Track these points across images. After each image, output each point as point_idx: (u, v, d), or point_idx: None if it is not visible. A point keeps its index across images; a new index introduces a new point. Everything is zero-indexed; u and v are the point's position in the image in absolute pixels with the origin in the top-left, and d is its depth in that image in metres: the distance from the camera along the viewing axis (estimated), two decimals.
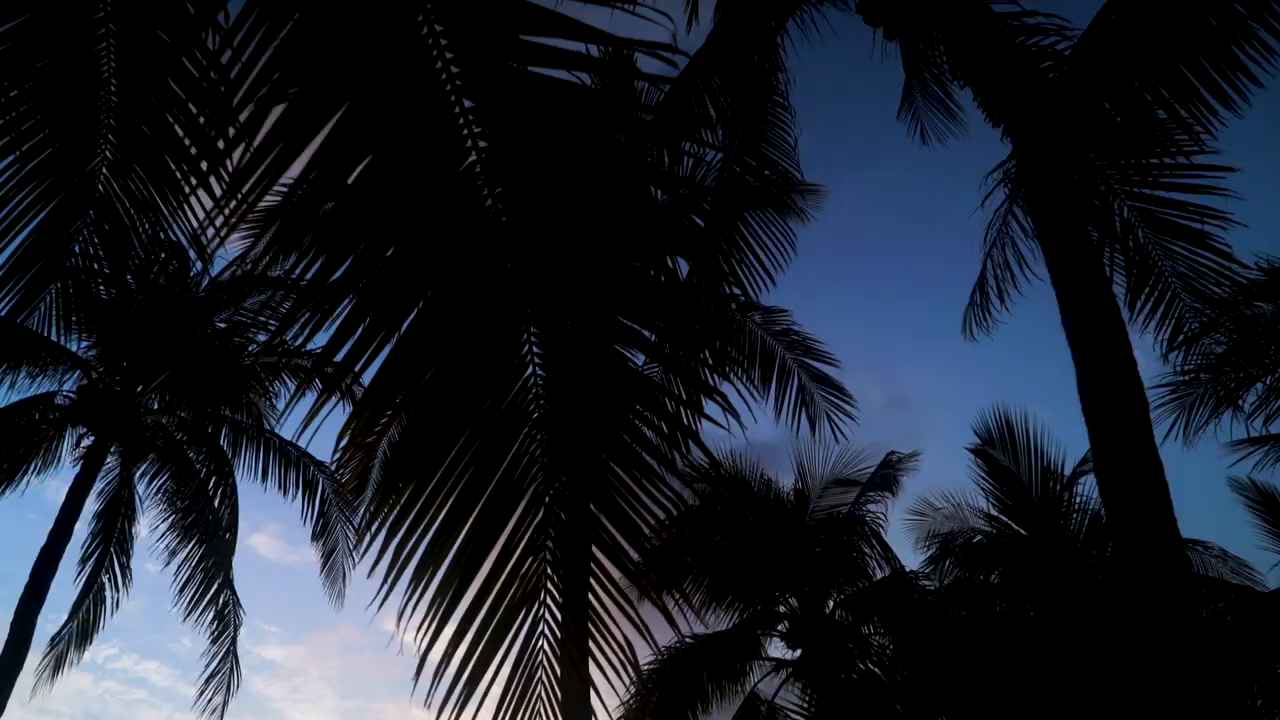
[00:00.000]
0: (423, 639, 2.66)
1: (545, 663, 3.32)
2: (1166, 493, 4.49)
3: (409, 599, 2.69)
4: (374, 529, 2.72)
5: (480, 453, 2.86)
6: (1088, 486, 10.35)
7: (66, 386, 12.00)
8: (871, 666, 9.02)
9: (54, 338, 11.74)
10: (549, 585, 3.20)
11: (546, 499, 2.96)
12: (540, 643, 2.99)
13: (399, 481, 2.80)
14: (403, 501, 2.74)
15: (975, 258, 8.19)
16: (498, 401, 2.92)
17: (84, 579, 12.26)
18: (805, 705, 10.80)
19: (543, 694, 3.36)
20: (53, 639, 12.11)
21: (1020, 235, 7.73)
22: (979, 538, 12.07)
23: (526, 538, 2.93)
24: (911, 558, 13.43)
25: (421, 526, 2.74)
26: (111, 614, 12.40)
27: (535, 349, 3.22)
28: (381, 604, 2.64)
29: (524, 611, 2.92)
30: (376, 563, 2.63)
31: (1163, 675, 5.46)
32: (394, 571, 2.67)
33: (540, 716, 3.35)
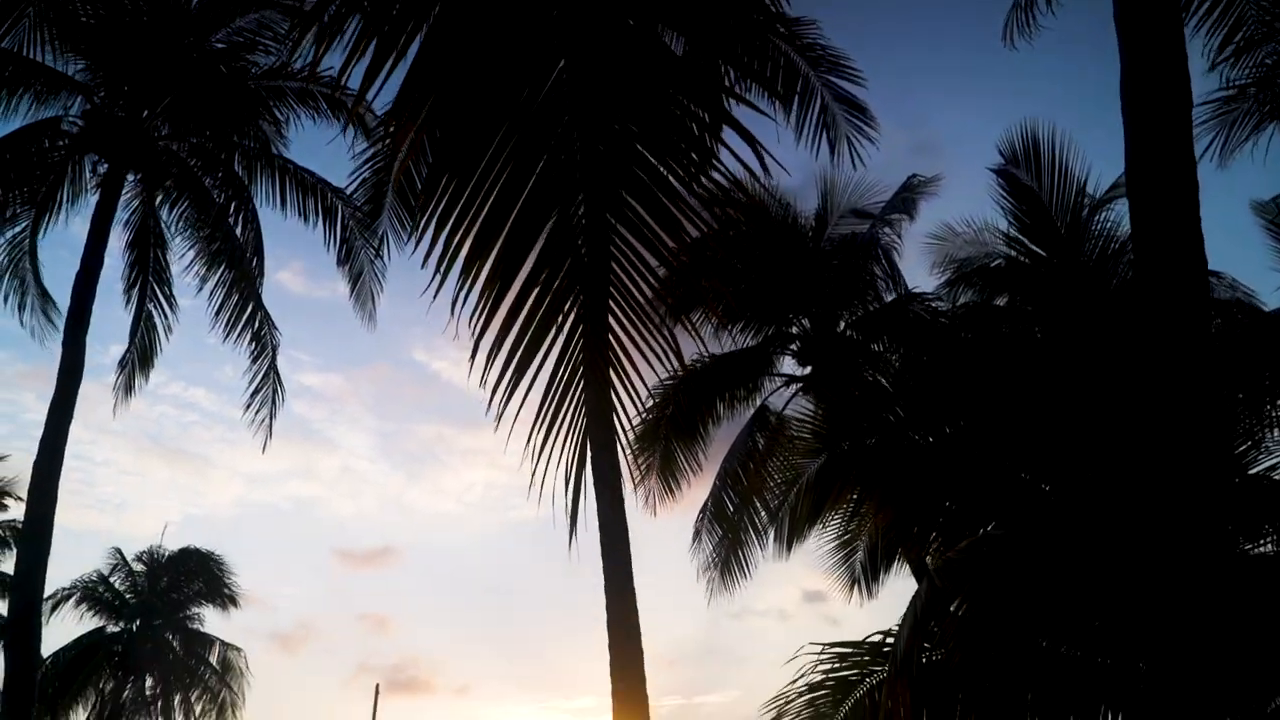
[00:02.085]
0: (476, 324, 2.81)
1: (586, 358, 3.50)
2: (1195, 194, 4.47)
3: (460, 289, 2.81)
4: (421, 225, 2.78)
5: (519, 148, 2.85)
6: (1108, 214, 10.24)
7: (72, 112, 11.77)
8: (878, 378, 9.47)
9: (48, 62, 11.38)
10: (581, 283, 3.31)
11: (583, 196, 3.00)
12: (580, 331, 3.15)
13: (443, 177, 2.82)
14: (448, 196, 2.78)
15: None
16: (533, 94, 2.87)
17: (133, 308, 12.83)
18: (813, 415, 11.47)
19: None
20: (120, 362, 12.83)
21: None
22: (997, 261, 12.14)
23: (568, 232, 3.00)
24: (927, 283, 13.66)
25: (467, 221, 2.80)
26: (166, 338, 13.07)
27: (565, 39, 3.09)
28: (435, 294, 2.76)
29: (569, 303, 3.04)
30: (428, 255, 2.72)
31: (1170, 390, 5.75)
32: (444, 263, 2.77)
33: (580, 407, 3.60)
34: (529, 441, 3.10)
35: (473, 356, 2.85)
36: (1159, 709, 6.10)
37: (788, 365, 14.45)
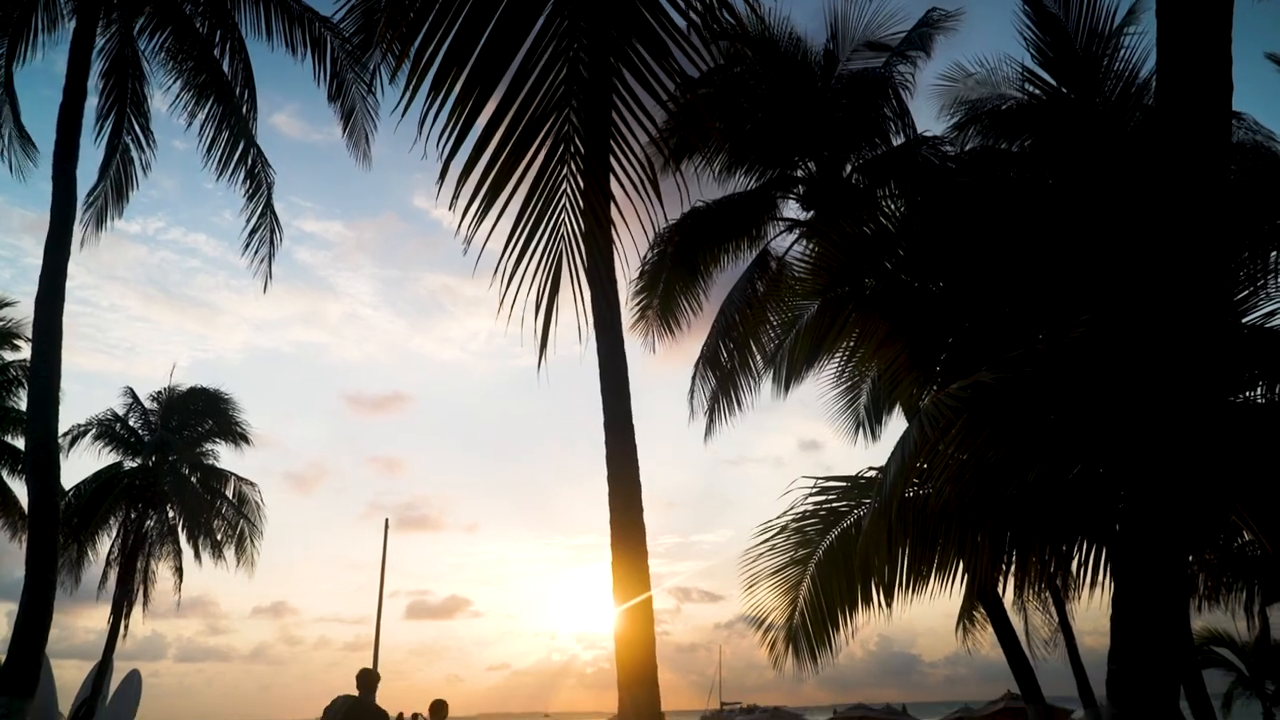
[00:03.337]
0: (445, 145, 2.69)
1: (569, 187, 3.39)
2: (1229, 6, 4.22)
3: (429, 106, 2.67)
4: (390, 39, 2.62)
5: None
6: (1131, 52, 9.74)
7: None
8: (881, 222, 9.31)
9: None
10: (573, 111, 3.16)
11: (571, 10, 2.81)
12: (565, 167, 3.03)
13: None
14: (418, 5, 2.60)
15: None
16: None
17: (105, 139, 12.41)
18: (813, 257, 11.36)
19: (566, 221, 3.47)
20: (89, 193, 12.51)
21: None
22: (1009, 104, 11.78)
23: (551, 49, 2.83)
24: (937, 129, 13.22)
25: (441, 29, 2.62)
26: (143, 174, 12.75)
27: None
28: (404, 112, 2.64)
29: (549, 124, 2.91)
30: (396, 69, 2.58)
31: (1175, 230, 5.64)
32: (414, 79, 2.63)
33: (564, 242, 3.52)
34: (497, 268, 3.05)
35: (441, 176, 2.75)
36: (1132, 543, 6.35)
37: (791, 209, 14.23)
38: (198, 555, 29.78)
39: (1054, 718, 12.94)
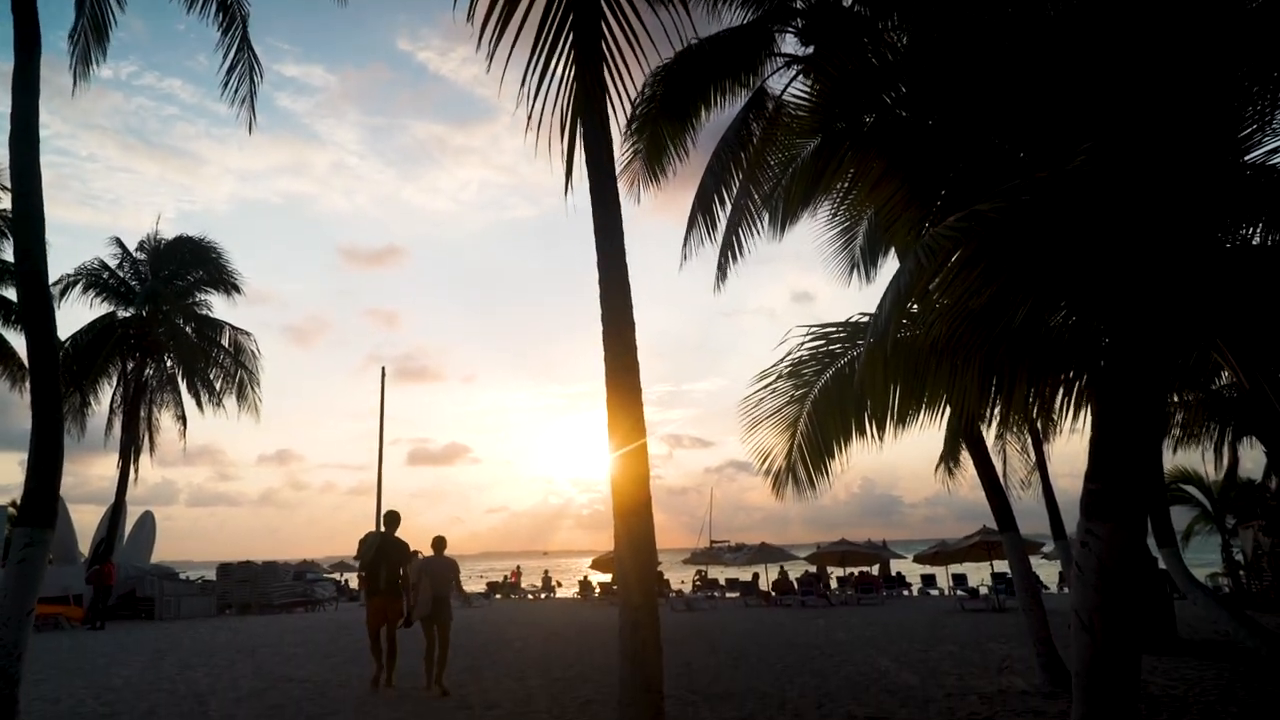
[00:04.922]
0: None
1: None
2: None
3: None
4: None
5: None
6: None
7: None
8: (885, 56, 8.97)
9: None
10: None
11: None
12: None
13: None
14: None
15: None
16: None
17: None
18: (811, 93, 11.02)
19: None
20: (71, 35, 11.88)
21: None
22: None
23: None
24: None
25: None
26: (119, 7, 12.07)
27: None
28: None
29: None
30: None
31: (1189, 62, 5.46)
32: None
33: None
34: (523, 82, 2.96)
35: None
36: (1117, 370, 6.52)
37: (789, 45, 13.67)
38: (199, 404, 30.32)
39: (1026, 548, 13.67)
